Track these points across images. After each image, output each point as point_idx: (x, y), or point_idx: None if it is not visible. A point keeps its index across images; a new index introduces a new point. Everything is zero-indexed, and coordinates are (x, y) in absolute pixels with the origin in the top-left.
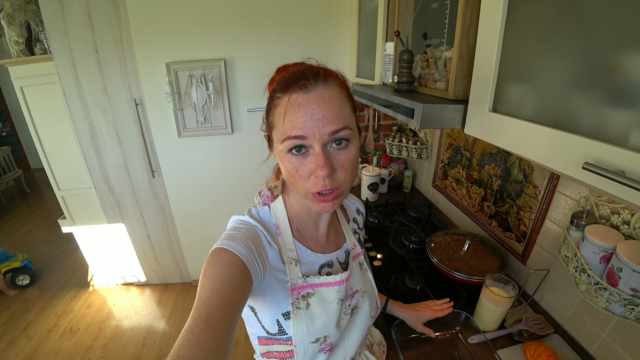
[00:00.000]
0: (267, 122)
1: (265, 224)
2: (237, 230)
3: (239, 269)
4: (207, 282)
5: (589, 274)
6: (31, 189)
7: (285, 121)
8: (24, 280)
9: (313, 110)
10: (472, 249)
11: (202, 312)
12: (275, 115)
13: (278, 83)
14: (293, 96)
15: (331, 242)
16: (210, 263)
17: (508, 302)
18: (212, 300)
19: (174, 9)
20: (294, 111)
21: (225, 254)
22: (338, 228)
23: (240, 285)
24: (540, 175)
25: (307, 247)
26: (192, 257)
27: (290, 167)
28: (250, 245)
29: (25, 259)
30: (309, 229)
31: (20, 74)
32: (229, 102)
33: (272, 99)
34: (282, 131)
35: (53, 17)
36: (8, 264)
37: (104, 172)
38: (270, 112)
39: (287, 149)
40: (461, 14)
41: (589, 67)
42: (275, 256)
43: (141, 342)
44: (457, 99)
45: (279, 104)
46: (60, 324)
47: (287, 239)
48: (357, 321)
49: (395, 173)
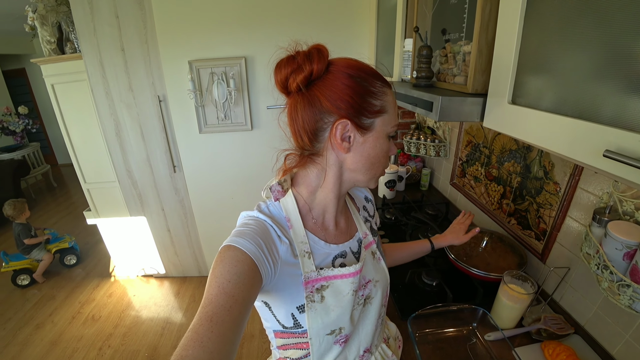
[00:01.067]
0: (368, 105)
1: (276, 218)
2: (246, 227)
3: (248, 267)
4: (214, 280)
5: (611, 270)
6: (58, 183)
7: (395, 110)
8: (72, 260)
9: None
10: (490, 246)
11: (207, 311)
12: (386, 102)
13: (374, 76)
14: (390, 91)
15: (344, 232)
16: (218, 261)
17: (526, 299)
18: (218, 299)
19: (197, 8)
20: (396, 104)
21: (234, 252)
22: (349, 217)
23: (248, 283)
24: (561, 171)
25: (321, 238)
26: (210, 251)
27: (386, 148)
28: (259, 242)
29: (72, 241)
30: (323, 219)
31: (52, 72)
32: (249, 99)
33: (373, 83)
34: (394, 118)
35: (83, 18)
36: (57, 245)
37: (128, 167)
38: (376, 96)
39: (391, 133)
40: (480, 8)
41: (609, 56)
42: (287, 250)
43: (159, 332)
44: (476, 92)
45: (386, 93)
46: (83, 312)
47: (299, 232)
48: (371, 311)
49: (413, 171)
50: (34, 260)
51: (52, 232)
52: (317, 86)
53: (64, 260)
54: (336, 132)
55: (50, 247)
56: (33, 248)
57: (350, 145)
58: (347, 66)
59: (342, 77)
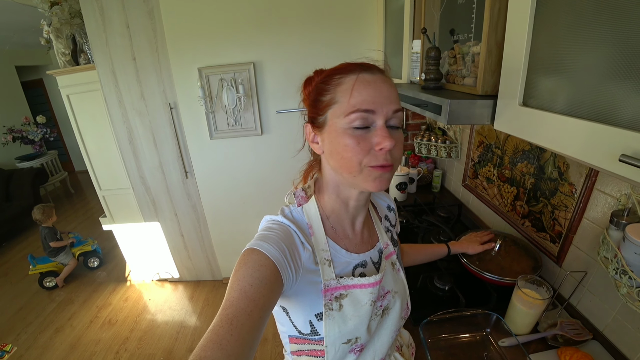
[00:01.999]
0: (318, 103)
1: (299, 224)
2: (270, 231)
3: (270, 272)
4: (236, 283)
5: (630, 275)
6: (75, 190)
7: (354, 95)
8: (95, 262)
9: (381, 88)
10: (503, 250)
11: (228, 314)
12: (338, 92)
13: (337, 69)
14: (361, 75)
15: (365, 241)
16: (241, 263)
17: (542, 304)
18: (239, 302)
19: (205, 16)
20: (364, 87)
21: (257, 255)
22: (371, 227)
23: (269, 288)
24: (576, 172)
25: (342, 247)
26: (223, 255)
27: (350, 142)
28: (282, 247)
29: (95, 244)
30: (344, 227)
31: (67, 83)
32: (258, 104)
33: (330, 79)
34: (350, 105)
35: (95, 29)
36: (81, 248)
37: (141, 173)
38: (326, 92)
39: (350, 123)
40: (489, 7)
41: (625, 55)
42: (309, 257)
43: (174, 336)
44: (485, 94)
45: (342, 82)
46: (101, 316)
47: (320, 239)
48: (388, 322)
49: (424, 173)
50: (60, 264)
51: (76, 235)
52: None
53: (88, 263)
54: (306, 135)
55: (74, 250)
56: (60, 251)
57: (320, 145)
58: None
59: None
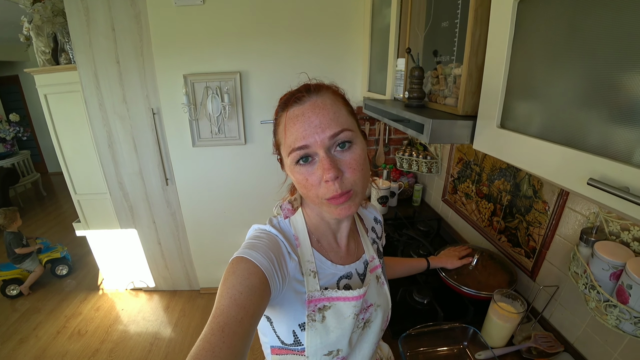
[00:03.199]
0: (275, 143)
1: (286, 234)
2: (259, 240)
3: (259, 280)
4: (226, 291)
5: (598, 290)
6: (47, 192)
7: (287, 135)
8: (63, 270)
9: (310, 118)
10: (481, 264)
11: (219, 321)
12: (279, 133)
13: (279, 105)
14: (290, 110)
15: (351, 253)
16: (230, 272)
17: (516, 317)
18: (230, 310)
19: (193, 23)
20: (293, 123)
21: (246, 264)
22: (357, 239)
23: (259, 296)
24: (549, 190)
25: (327, 259)
26: (201, 265)
27: (300, 178)
28: (271, 256)
29: (64, 251)
30: (328, 240)
31: (45, 82)
32: (243, 114)
33: (275, 120)
34: (287, 145)
35: (79, 29)
36: (49, 255)
37: (120, 179)
38: (275, 132)
39: (294, 161)
40: (470, 33)
41: (593, 85)
42: (295, 267)
43: (147, 348)
44: (466, 114)
45: (279, 122)
46: (69, 326)
47: (306, 250)
48: (369, 335)
49: (405, 187)
50: (25, 271)
51: (44, 241)
52: None
53: (55, 271)
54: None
55: (42, 257)
56: (25, 258)
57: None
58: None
59: None
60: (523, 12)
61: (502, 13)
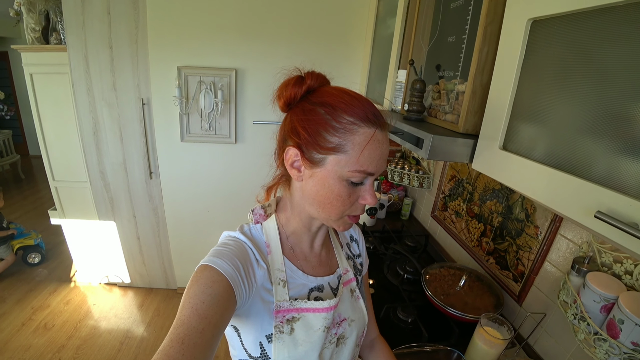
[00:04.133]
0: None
1: (256, 241)
2: (225, 247)
3: (223, 288)
4: (187, 301)
5: (588, 322)
6: (26, 175)
7: (365, 154)
8: (35, 258)
9: (384, 150)
10: (467, 285)
11: (179, 333)
12: (349, 142)
13: (351, 108)
14: (377, 132)
15: (324, 265)
16: (193, 281)
17: (502, 344)
18: (190, 320)
19: (192, 14)
20: (375, 148)
21: (209, 272)
22: (331, 251)
23: (222, 305)
24: (542, 215)
25: (299, 268)
26: (180, 264)
27: (342, 192)
28: (236, 263)
29: (38, 238)
30: (302, 247)
31: (32, 61)
32: (235, 112)
33: (341, 118)
34: (357, 162)
35: (73, 9)
36: (22, 241)
37: (102, 168)
38: (334, 132)
39: (350, 178)
40: (478, 50)
41: (605, 115)
42: (263, 275)
43: (117, 347)
44: (466, 132)
45: (356, 132)
46: (35, 319)
47: (277, 259)
48: (344, 351)
49: (395, 200)
50: None
51: (18, 227)
52: (292, 111)
53: (27, 258)
54: (287, 157)
55: (14, 242)
56: (1, 243)
57: (301, 174)
58: (325, 96)
59: (310, 107)
60: (536, 32)
61: (513, 31)
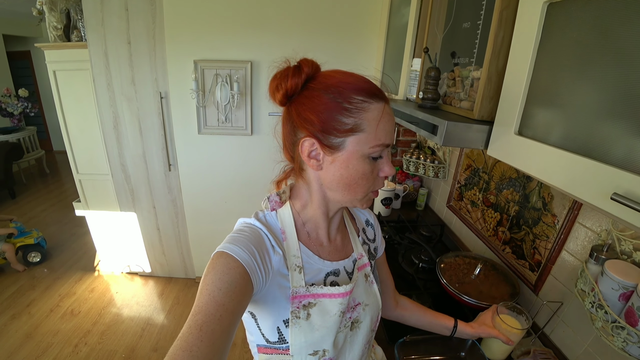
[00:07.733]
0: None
1: (272, 228)
2: (241, 233)
3: (239, 275)
4: (205, 288)
5: (606, 310)
6: (51, 170)
7: (380, 128)
8: (35, 258)
9: (393, 120)
10: (483, 274)
11: (197, 320)
12: (364, 120)
13: (355, 90)
14: (387, 106)
15: (339, 250)
16: (210, 268)
17: (519, 334)
18: (208, 307)
19: (208, 8)
20: (387, 120)
21: (226, 259)
22: (346, 236)
23: (239, 292)
24: (560, 204)
25: (315, 253)
26: (198, 254)
27: (366, 169)
28: (252, 249)
29: (39, 237)
30: (319, 234)
31: (55, 58)
32: (251, 104)
33: (351, 99)
34: (375, 137)
35: (92, 7)
36: (22, 240)
37: (122, 161)
38: (348, 113)
39: (371, 154)
40: (493, 35)
41: (624, 97)
42: (279, 261)
43: (139, 333)
44: (481, 119)
45: (368, 109)
46: (63, 305)
47: (292, 245)
48: (359, 336)
49: (410, 190)
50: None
51: (19, 225)
52: (295, 101)
53: (27, 258)
54: (302, 149)
55: (15, 241)
56: None
57: (320, 163)
58: (327, 80)
59: (315, 93)
60: (552, 15)
61: (529, 15)
